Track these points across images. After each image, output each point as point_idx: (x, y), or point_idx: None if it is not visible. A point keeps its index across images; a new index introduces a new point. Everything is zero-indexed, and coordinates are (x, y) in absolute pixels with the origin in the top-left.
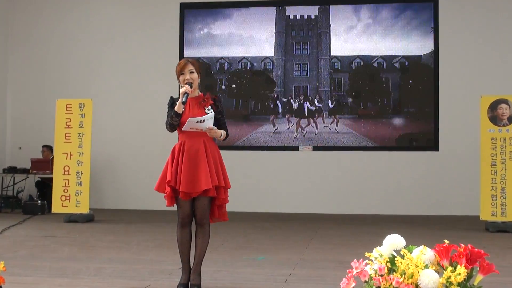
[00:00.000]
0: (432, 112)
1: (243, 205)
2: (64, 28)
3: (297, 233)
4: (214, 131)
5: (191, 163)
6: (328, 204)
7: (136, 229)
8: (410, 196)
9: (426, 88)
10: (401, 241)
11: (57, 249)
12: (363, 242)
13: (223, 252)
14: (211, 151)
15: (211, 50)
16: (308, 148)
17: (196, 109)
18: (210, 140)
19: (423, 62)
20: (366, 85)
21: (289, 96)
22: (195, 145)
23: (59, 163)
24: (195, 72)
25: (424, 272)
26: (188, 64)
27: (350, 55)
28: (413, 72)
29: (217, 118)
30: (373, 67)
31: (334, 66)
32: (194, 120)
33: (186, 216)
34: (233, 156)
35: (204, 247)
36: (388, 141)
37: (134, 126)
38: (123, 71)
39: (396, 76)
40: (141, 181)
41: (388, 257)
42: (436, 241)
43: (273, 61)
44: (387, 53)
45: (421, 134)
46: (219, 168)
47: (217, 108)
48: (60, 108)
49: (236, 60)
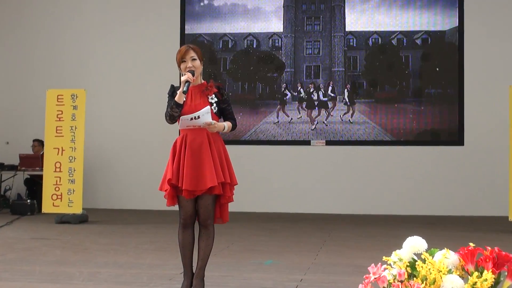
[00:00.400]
0: (456, 99)
1: (249, 205)
2: (55, 12)
3: (309, 235)
4: (213, 126)
5: (194, 159)
6: (343, 204)
7: (134, 231)
8: (432, 195)
9: (450, 71)
10: (422, 243)
11: (48, 252)
12: (381, 245)
13: (228, 256)
14: (216, 144)
15: (213, 25)
16: (321, 143)
17: (198, 99)
18: (215, 134)
19: (448, 40)
20: (383, 65)
21: (298, 83)
22: (198, 139)
23: (50, 159)
24: (198, 59)
25: (448, 278)
26: (189, 51)
27: (366, 31)
28: (436, 50)
29: (223, 108)
30: (392, 45)
31: (349, 43)
32: (187, 118)
33: (189, 217)
34: (239, 151)
35: (208, 250)
36: (407, 134)
37: (132, 118)
38: (119, 58)
39: (417, 55)
40: (139, 179)
41: (408, 261)
42: (461, 244)
43: (281, 38)
44: (408, 28)
45: (444, 127)
46: (224, 163)
47: (221, 96)
48: (50, 99)
49: (241, 37)
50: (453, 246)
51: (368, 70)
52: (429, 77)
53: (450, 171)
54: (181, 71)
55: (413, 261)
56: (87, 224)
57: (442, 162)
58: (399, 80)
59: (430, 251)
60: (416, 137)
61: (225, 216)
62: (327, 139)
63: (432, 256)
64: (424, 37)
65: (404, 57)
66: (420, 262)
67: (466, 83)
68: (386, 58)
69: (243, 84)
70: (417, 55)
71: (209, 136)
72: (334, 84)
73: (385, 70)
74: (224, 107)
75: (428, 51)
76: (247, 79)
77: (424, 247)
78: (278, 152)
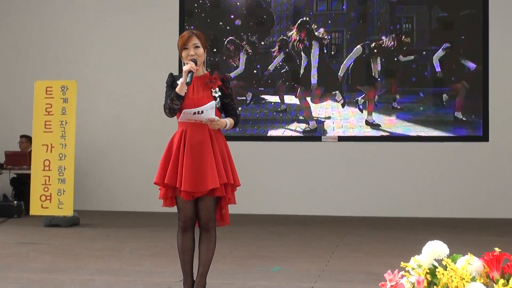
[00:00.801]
0: (480, 92)
1: (255, 206)
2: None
3: (319, 239)
4: (216, 123)
5: (195, 158)
6: (357, 205)
7: (129, 235)
8: (453, 195)
9: (474, 52)
10: (444, 249)
11: (36, 258)
12: (398, 250)
13: (232, 262)
14: (218, 142)
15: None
16: (333, 139)
17: (201, 91)
18: (217, 130)
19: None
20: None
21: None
22: (198, 136)
23: (38, 157)
24: (201, 47)
25: (471, 286)
26: (192, 37)
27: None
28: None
29: (225, 102)
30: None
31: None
32: (190, 112)
33: (188, 219)
34: (242, 148)
35: (209, 256)
36: (425, 125)
37: (128, 112)
38: (113, 47)
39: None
40: (135, 178)
41: (428, 268)
42: (485, 249)
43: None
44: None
45: (467, 122)
46: (227, 163)
47: (226, 90)
48: (38, 91)
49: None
50: (477, 251)
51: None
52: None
53: (473, 170)
54: (183, 59)
55: (434, 267)
56: (79, 228)
57: (465, 160)
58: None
59: (452, 256)
60: (435, 131)
61: (225, 218)
62: (339, 135)
63: (454, 262)
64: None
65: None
66: (441, 269)
67: (492, 74)
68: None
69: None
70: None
71: (211, 133)
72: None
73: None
74: (227, 102)
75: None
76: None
77: (445, 253)
78: (286, 149)
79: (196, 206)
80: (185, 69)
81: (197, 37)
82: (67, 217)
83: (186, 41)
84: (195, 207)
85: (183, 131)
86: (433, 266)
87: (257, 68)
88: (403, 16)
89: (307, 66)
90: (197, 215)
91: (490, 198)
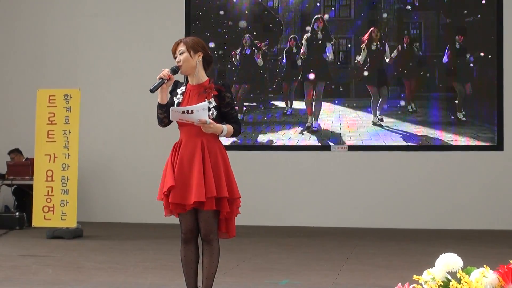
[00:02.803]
0: (494, 98)
1: (263, 218)
2: (45, 2)
3: (329, 251)
4: (209, 126)
5: (183, 170)
6: (367, 216)
7: (133, 247)
8: (467, 206)
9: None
10: (457, 261)
11: (38, 271)
12: (410, 263)
13: (239, 275)
14: (211, 153)
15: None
16: (343, 148)
17: (195, 101)
18: (212, 140)
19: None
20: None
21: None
22: (190, 147)
23: (41, 167)
24: (185, 52)
25: None
26: (179, 44)
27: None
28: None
29: (225, 111)
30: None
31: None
32: (178, 110)
33: (189, 231)
34: (249, 158)
35: (212, 269)
36: (436, 135)
37: (132, 121)
38: (117, 55)
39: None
40: (139, 189)
41: (441, 280)
42: (500, 262)
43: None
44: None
45: (481, 130)
46: (221, 175)
47: (222, 100)
48: (41, 100)
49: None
50: (491, 264)
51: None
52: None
53: (487, 179)
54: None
55: (447, 280)
56: (82, 240)
57: (479, 170)
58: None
59: (466, 269)
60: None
61: (231, 230)
62: (349, 145)
63: (468, 275)
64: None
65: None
66: (455, 282)
67: (506, 79)
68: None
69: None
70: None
71: (204, 144)
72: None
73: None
74: (226, 110)
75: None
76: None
77: (459, 265)
78: (295, 159)
79: (197, 218)
80: (158, 76)
81: (184, 43)
82: (70, 229)
83: (174, 49)
84: (196, 218)
85: (178, 143)
86: (447, 279)
87: (266, 73)
88: (411, 22)
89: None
90: (198, 227)
91: (505, 208)
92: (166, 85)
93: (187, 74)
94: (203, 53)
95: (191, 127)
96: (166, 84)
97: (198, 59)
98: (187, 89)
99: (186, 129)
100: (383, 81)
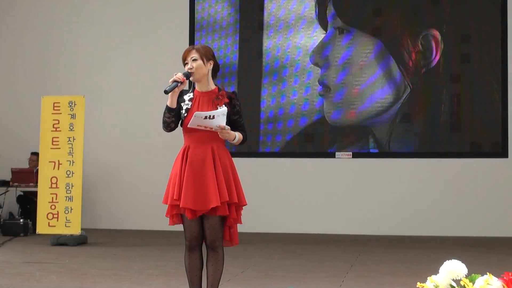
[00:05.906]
0: (499, 105)
1: (267, 225)
2: (49, 8)
3: (334, 258)
4: (226, 131)
5: (196, 176)
6: (372, 223)
7: (138, 254)
8: (472, 213)
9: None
10: (462, 268)
11: (43, 278)
12: (414, 270)
13: (243, 282)
14: (221, 160)
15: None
16: (347, 155)
17: (205, 107)
18: (221, 146)
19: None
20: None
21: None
22: (201, 154)
23: (45, 174)
24: (199, 59)
25: None
26: (191, 51)
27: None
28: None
29: (233, 119)
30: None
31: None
32: (201, 115)
33: (194, 238)
34: (253, 164)
35: (217, 276)
36: (440, 142)
37: (136, 128)
38: (121, 61)
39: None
40: (144, 196)
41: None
42: (505, 269)
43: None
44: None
45: (485, 137)
46: (231, 181)
47: (233, 108)
48: (45, 107)
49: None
50: (496, 271)
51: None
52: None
53: (492, 186)
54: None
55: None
56: (86, 246)
57: (484, 177)
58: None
59: (470, 277)
60: (450, 147)
61: (234, 238)
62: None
63: (472, 283)
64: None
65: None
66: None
67: (510, 85)
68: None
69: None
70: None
71: (214, 151)
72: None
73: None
74: (235, 118)
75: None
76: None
77: (463, 272)
78: (299, 165)
79: (202, 225)
80: (170, 80)
81: (197, 51)
82: (74, 236)
83: (185, 56)
84: (201, 226)
85: (186, 148)
86: (451, 286)
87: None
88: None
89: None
90: (203, 234)
91: (510, 216)
92: (178, 88)
93: (198, 81)
94: (213, 62)
95: (202, 133)
96: (178, 88)
97: (209, 67)
98: (195, 95)
99: (196, 135)
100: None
